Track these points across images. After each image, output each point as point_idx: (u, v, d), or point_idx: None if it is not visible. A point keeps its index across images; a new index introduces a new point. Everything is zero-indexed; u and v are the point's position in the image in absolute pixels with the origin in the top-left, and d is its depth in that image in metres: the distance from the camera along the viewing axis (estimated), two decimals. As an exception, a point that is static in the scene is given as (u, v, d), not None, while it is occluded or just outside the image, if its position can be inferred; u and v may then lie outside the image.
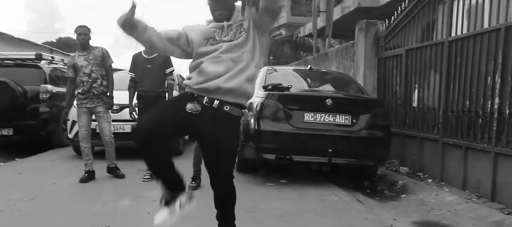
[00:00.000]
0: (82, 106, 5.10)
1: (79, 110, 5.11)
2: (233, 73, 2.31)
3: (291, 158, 4.96)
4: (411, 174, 5.91)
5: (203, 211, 2.98)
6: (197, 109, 2.32)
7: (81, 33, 5.02)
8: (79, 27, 5.06)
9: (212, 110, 2.32)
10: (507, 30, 4.35)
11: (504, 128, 4.34)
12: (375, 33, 7.36)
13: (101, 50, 5.15)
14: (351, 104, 5.23)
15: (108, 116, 5.22)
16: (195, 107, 2.33)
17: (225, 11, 2.45)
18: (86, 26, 5.09)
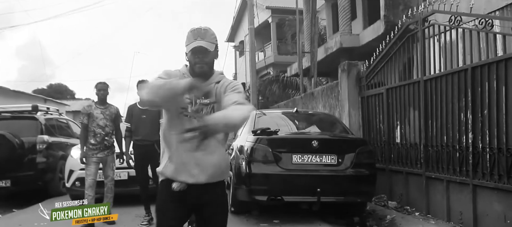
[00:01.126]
0: (92, 157, 5.38)
1: (89, 160, 5.42)
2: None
3: (282, 198, 5.20)
4: (399, 208, 6.14)
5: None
6: (182, 187, 2.39)
7: (101, 89, 5.55)
8: (99, 83, 5.61)
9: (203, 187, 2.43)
10: (473, 71, 4.74)
11: (479, 161, 4.65)
12: (356, 73, 7.76)
13: (116, 109, 5.69)
14: (336, 145, 5.53)
15: (113, 165, 5.53)
16: (181, 185, 2.38)
17: (204, 64, 2.42)
18: (105, 83, 5.66)
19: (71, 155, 7.44)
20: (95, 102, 5.65)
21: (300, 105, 11.51)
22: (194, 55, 2.38)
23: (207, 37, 2.37)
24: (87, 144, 5.51)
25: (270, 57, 27.51)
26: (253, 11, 14.26)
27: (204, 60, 2.40)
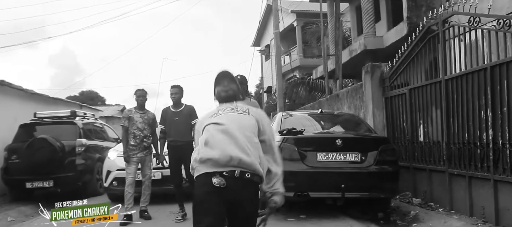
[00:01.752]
0: (133, 157, 5.82)
1: (130, 160, 5.89)
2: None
3: (308, 194, 5.47)
4: (423, 205, 6.30)
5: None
6: (221, 183, 2.44)
7: (140, 95, 6.09)
8: (138, 90, 6.16)
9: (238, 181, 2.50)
10: (492, 69, 4.89)
11: (500, 156, 4.80)
12: (380, 74, 7.94)
13: (153, 115, 6.20)
14: (359, 143, 5.77)
15: (151, 164, 5.96)
16: (220, 181, 2.44)
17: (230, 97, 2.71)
18: (144, 89, 6.18)
19: (108, 157, 7.93)
20: (134, 108, 6.10)
21: (325, 107, 11.72)
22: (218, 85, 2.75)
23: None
24: (128, 144, 5.94)
25: (295, 61, 27.73)
26: (278, 16, 14.59)
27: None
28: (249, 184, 2.43)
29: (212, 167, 2.40)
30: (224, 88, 2.71)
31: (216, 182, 2.36)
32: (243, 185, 2.40)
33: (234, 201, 2.38)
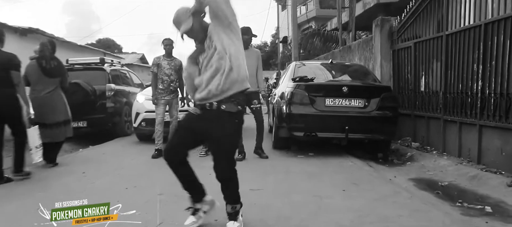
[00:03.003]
0: (161, 99, 6.61)
1: (158, 102, 6.66)
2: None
3: (316, 134, 6.23)
4: (420, 148, 7.02)
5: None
6: (196, 112, 2.99)
7: (167, 44, 6.77)
8: (166, 39, 6.83)
9: (208, 111, 2.96)
10: (486, 27, 5.44)
11: (485, 104, 5.44)
12: (389, 28, 8.46)
13: (179, 61, 6.84)
14: (363, 90, 6.44)
15: (178, 107, 6.74)
16: (195, 111, 3.00)
17: (198, 41, 3.00)
18: (170, 39, 6.85)
19: (137, 100, 8.74)
20: (163, 55, 6.79)
21: (338, 58, 12.29)
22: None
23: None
24: (156, 88, 6.70)
25: (312, 11, 27.87)
26: (295, -33, 14.85)
27: (197, 38, 2.99)
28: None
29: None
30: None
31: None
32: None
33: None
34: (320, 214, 3.44)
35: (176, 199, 3.99)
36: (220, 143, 2.94)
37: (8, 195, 4.38)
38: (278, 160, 6.06)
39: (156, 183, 4.77)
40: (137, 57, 24.52)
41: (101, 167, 5.85)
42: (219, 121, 2.90)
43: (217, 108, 2.88)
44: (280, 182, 4.67)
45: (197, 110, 2.98)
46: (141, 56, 26.20)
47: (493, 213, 3.63)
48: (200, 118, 2.95)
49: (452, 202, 3.96)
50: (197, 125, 2.99)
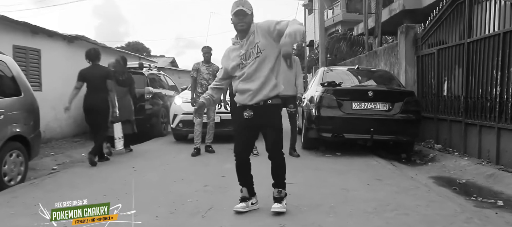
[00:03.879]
0: None
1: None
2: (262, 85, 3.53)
3: (343, 135, 6.72)
4: (443, 150, 7.40)
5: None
6: (250, 115, 3.54)
7: (206, 52, 7.45)
8: (205, 47, 7.51)
9: (260, 108, 3.55)
10: (505, 35, 5.81)
11: (504, 108, 5.81)
12: (413, 35, 8.85)
13: (217, 67, 7.38)
14: (388, 95, 6.88)
15: (215, 109, 7.34)
16: (249, 114, 3.55)
17: (244, 23, 3.47)
18: (209, 47, 7.51)
19: (175, 102, 9.40)
20: (202, 61, 7.41)
21: (364, 62, 12.69)
22: (236, 17, 3.47)
23: (246, 5, 3.48)
24: (196, 92, 7.32)
25: (338, 15, 28.15)
26: (322, -26, 15.32)
27: (243, 21, 3.47)
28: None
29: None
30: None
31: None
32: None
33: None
34: (347, 202, 3.95)
35: (221, 189, 4.57)
36: (275, 128, 3.61)
37: (74, 183, 5.05)
38: (308, 159, 6.57)
39: (200, 176, 5.37)
40: (168, 61, 25.46)
41: (147, 163, 6.49)
42: (271, 112, 3.58)
43: (269, 104, 3.55)
44: (311, 177, 5.18)
45: (250, 113, 3.56)
46: (172, 60, 27.17)
47: (504, 206, 4.05)
48: (253, 116, 3.56)
49: (467, 196, 4.39)
50: (253, 123, 3.59)
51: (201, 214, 3.70)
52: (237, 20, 3.48)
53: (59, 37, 10.54)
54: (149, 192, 4.52)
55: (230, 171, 5.60)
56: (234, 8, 3.47)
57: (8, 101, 5.27)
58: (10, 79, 5.48)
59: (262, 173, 3.99)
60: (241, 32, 3.54)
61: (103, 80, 6.44)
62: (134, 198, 3.35)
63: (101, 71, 6.52)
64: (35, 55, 9.56)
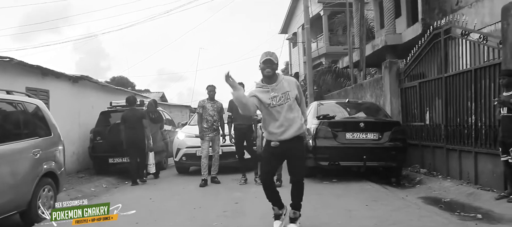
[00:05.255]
0: (206, 136, 7.83)
1: (204, 138, 7.85)
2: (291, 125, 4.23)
3: (339, 163, 7.44)
4: (428, 173, 8.16)
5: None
6: (276, 144, 4.21)
7: (211, 90, 8.09)
8: (210, 86, 8.15)
9: (288, 142, 4.22)
10: (476, 71, 6.69)
11: (478, 135, 6.63)
12: (396, 69, 9.76)
13: (221, 104, 8.12)
14: (377, 125, 7.67)
15: (219, 142, 7.97)
16: (276, 143, 4.22)
17: (271, 70, 4.13)
18: (214, 85, 8.16)
19: (177, 137, 10.00)
20: (207, 99, 8.09)
21: (351, 94, 13.57)
22: (265, 64, 4.15)
23: (273, 56, 4.21)
24: (201, 127, 7.97)
25: (322, 48, 29.30)
26: (308, 12, 16.33)
27: (271, 67, 4.15)
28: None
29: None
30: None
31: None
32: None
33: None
34: (352, 220, 4.63)
35: (239, 214, 5.22)
36: (300, 157, 4.35)
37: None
38: (308, 185, 7.09)
39: (215, 204, 5.99)
40: (158, 96, 26.07)
41: (161, 194, 7.06)
42: (297, 144, 4.26)
43: (296, 138, 4.24)
44: (315, 201, 5.84)
45: (277, 143, 4.23)
46: (161, 94, 27.82)
47: (482, 218, 4.78)
48: (279, 146, 4.22)
49: (452, 212, 5.12)
50: (278, 151, 4.25)
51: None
52: (265, 67, 4.16)
53: (65, 78, 11.14)
54: (175, 218, 5.12)
55: (241, 199, 6.28)
56: (263, 57, 4.18)
57: (43, 141, 5.85)
58: (42, 121, 6.08)
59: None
60: (267, 78, 4.22)
61: (140, 120, 8.45)
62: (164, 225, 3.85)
63: (138, 113, 8.61)
64: (45, 96, 10.12)
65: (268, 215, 4.97)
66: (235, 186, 7.65)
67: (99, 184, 9.24)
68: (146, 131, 8.51)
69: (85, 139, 11.39)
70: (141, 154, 8.61)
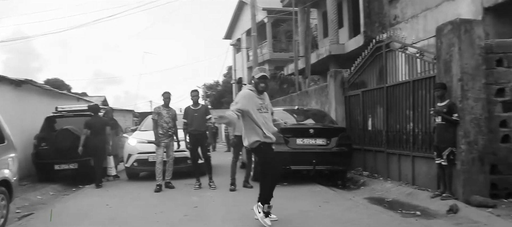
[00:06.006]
0: (161, 142, 7.93)
1: (159, 144, 7.95)
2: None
3: (290, 167, 7.84)
4: (370, 176, 8.80)
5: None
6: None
7: (166, 97, 8.23)
8: (166, 92, 8.28)
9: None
10: (414, 83, 7.38)
11: (415, 140, 7.32)
12: (341, 78, 10.39)
13: (175, 111, 8.28)
14: (326, 131, 8.19)
15: (173, 148, 8.11)
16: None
17: (265, 85, 5.02)
18: (169, 92, 8.28)
19: (129, 143, 9.97)
20: (162, 105, 8.20)
21: (296, 101, 14.16)
22: (259, 79, 4.94)
23: (267, 72, 5.02)
24: (157, 133, 8.07)
25: (266, 54, 30.00)
26: (255, 20, 16.77)
27: (265, 82, 5.01)
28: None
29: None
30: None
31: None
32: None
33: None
34: (309, 219, 5.03)
35: (202, 217, 5.43)
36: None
37: (63, 221, 5.58)
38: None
39: (175, 209, 6.16)
40: (100, 100, 25.34)
41: (116, 200, 7.06)
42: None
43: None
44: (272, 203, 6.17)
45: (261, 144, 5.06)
46: (103, 99, 27.05)
47: (421, 215, 5.36)
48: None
49: (395, 210, 5.67)
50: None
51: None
52: (260, 82, 4.90)
53: (7, 82, 10.69)
54: (139, 223, 5.24)
55: (199, 203, 6.50)
56: (257, 73, 4.94)
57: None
58: (-5, 128, 5.93)
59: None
60: (261, 92, 5.00)
61: (103, 128, 9.04)
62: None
63: (102, 121, 9.25)
64: (-16, 100, 9.68)
65: (229, 217, 5.28)
66: (190, 191, 7.83)
67: (46, 192, 8.99)
68: (108, 137, 9.13)
69: (28, 145, 10.95)
70: (102, 159, 9.17)
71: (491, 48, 6.18)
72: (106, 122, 9.37)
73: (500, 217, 5.00)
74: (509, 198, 5.95)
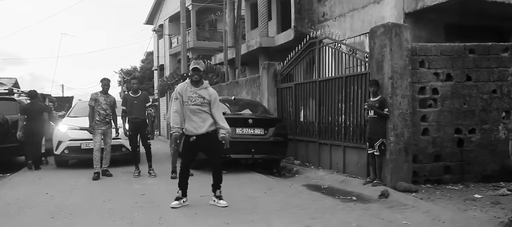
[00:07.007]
0: (98, 129, 7.72)
1: (96, 132, 7.76)
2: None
3: (230, 156, 8.07)
4: (301, 164, 9.35)
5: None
6: (194, 139, 5.18)
7: (105, 84, 8.01)
8: (104, 79, 8.05)
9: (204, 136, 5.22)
10: (346, 78, 7.99)
11: (347, 132, 7.95)
12: (274, 71, 10.82)
13: (113, 98, 8.12)
14: (263, 122, 8.55)
15: (111, 135, 7.95)
16: (193, 138, 5.18)
17: (198, 76, 5.15)
18: (108, 78, 8.08)
19: (59, 129, 9.51)
20: (100, 92, 7.97)
21: (225, 91, 14.38)
22: (193, 71, 5.09)
23: (200, 65, 5.16)
24: (93, 120, 7.85)
25: (190, 42, 29.75)
26: (184, 8, 16.63)
27: (198, 74, 5.15)
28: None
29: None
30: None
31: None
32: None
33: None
34: (259, 205, 5.32)
35: (153, 203, 5.49)
36: (218, 150, 5.38)
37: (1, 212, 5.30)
38: (202, 177, 7.70)
39: (122, 196, 6.12)
40: (10, 82, 23.32)
41: (55, 188, 6.77)
42: (213, 139, 5.24)
43: (211, 133, 5.21)
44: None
45: (194, 137, 5.01)
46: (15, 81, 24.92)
47: (357, 200, 5.92)
48: (196, 141, 5.12)
49: (333, 196, 6.19)
50: (196, 146, 5.18)
51: (157, 222, 4.62)
52: (193, 73, 4.86)
53: None
54: (90, 212, 5.15)
55: (145, 190, 6.52)
56: (192, 65, 4.97)
57: None
58: None
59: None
60: (194, 83, 4.95)
61: (40, 112, 9.17)
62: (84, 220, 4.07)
63: (38, 107, 9.32)
64: None
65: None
66: (129, 179, 7.76)
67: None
68: (45, 122, 9.31)
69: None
70: (39, 144, 9.37)
71: (415, 51, 6.92)
72: (43, 107, 9.48)
73: (423, 200, 5.71)
74: (426, 184, 6.78)
